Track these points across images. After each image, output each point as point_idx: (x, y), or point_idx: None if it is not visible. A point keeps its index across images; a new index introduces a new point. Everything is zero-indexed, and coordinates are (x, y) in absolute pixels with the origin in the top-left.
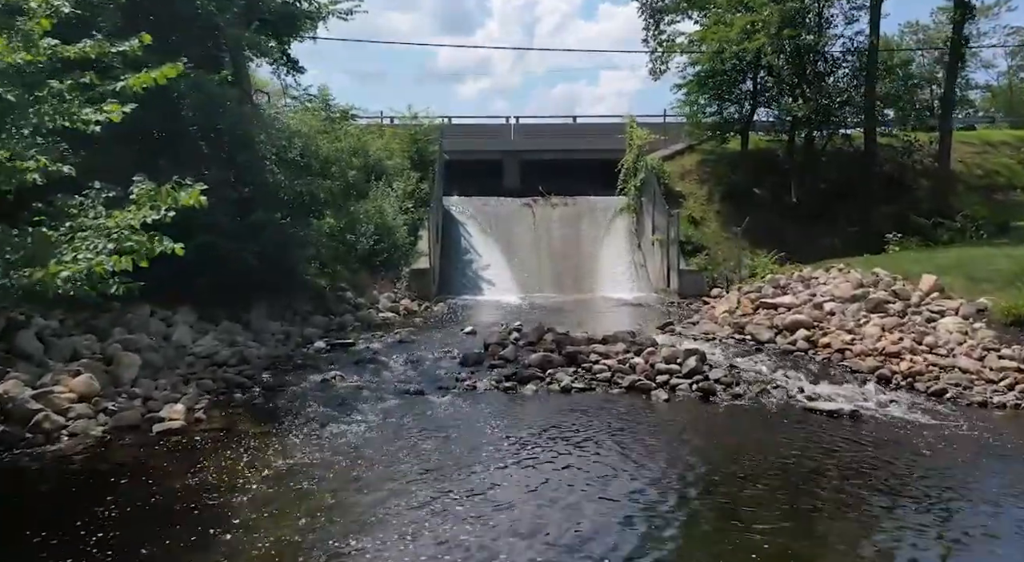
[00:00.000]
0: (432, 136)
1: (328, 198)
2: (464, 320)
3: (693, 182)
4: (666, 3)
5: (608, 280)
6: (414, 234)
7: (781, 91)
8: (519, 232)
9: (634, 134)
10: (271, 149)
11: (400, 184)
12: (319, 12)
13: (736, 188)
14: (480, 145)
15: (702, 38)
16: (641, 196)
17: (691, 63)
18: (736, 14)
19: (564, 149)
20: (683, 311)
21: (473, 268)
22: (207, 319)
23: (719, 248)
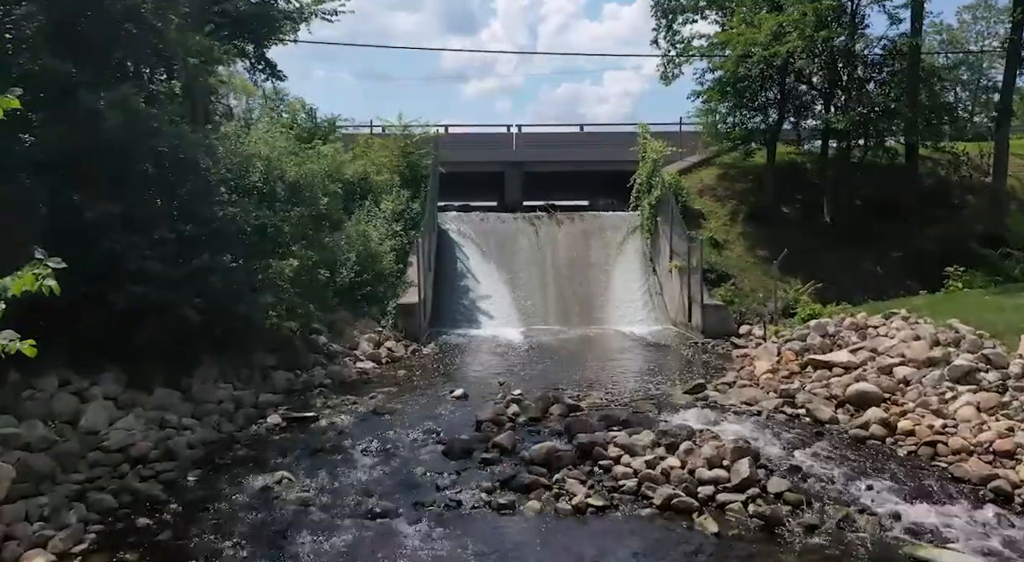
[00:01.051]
0: (425, 149)
1: (295, 231)
2: (456, 368)
3: (713, 199)
4: (680, 2)
5: (620, 311)
6: (403, 261)
7: (813, 99)
8: (521, 253)
9: (648, 146)
10: (225, 176)
11: (388, 203)
12: (301, 13)
13: (762, 206)
14: (480, 156)
15: (725, 41)
16: (656, 215)
17: (710, 68)
18: (762, 13)
19: (570, 160)
20: (711, 358)
21: (470, 296)
22: (138, 385)
23: (745, 276)
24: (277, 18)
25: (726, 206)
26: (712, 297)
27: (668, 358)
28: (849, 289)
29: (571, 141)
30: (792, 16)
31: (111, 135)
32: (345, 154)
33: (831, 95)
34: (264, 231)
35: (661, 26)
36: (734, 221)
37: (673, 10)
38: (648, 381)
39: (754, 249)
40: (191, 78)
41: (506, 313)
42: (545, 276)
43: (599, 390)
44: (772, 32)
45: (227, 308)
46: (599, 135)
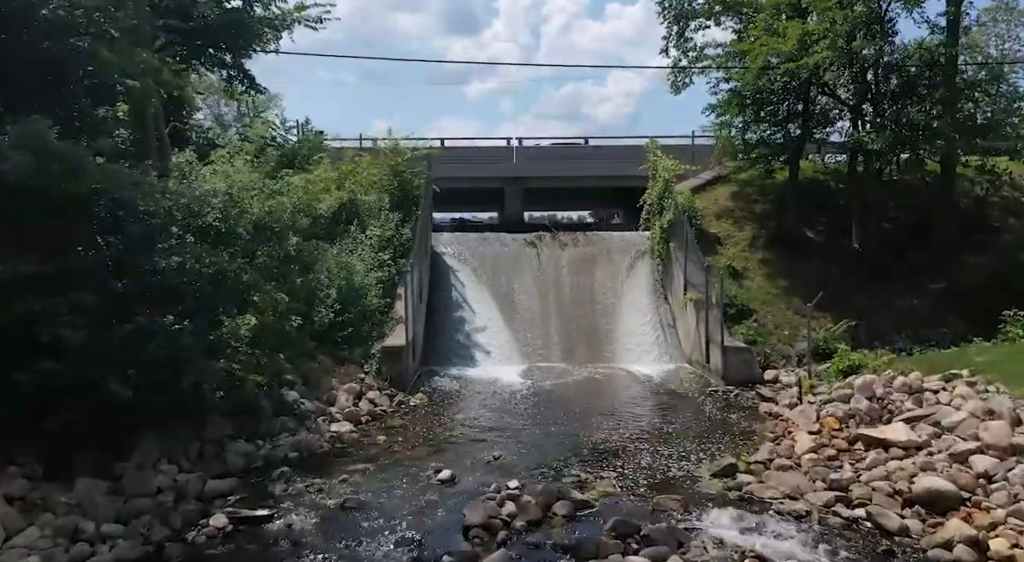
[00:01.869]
0: (418, 167)
1: (258, 277)
2: (444, 429)
3: (730, 221)
4: (694, 7)
5: (629, 346)
6: (391, 294)
7: (840, 113)
8: (521, 280)
9: (659, 164)
10: (173, 217)
11: (376, 229)
12: (282, 20)
13: (784, 230)
14: (477, 171)
15: (744, 51)
16: (669, 240)
17: (725, 78)
18: (786, 20)
19: (574, 175)
20: (736, 415)
21: (465, 329)
22: (56, 476)
23: (768, 310)
24: (255, 26)
25: (744, 229)
26: (733, 337)
27: (687, 413)
28: (884, 328)
29: (574, 155)
30: (822, 24)
31: (17, 178)
32: (330, 173)
33: (858, 108)
34: (220, 280)
35: (672, 33)
36: (753, 247)
37: (685, 16)
38: (668, 453)
39: (776, 279)
40: (139, 102)
41: (505, 349)
42: (547, 305)
43: (610, 470)
44: (798, 41)
45: (171, 379)
46: (605, 149)
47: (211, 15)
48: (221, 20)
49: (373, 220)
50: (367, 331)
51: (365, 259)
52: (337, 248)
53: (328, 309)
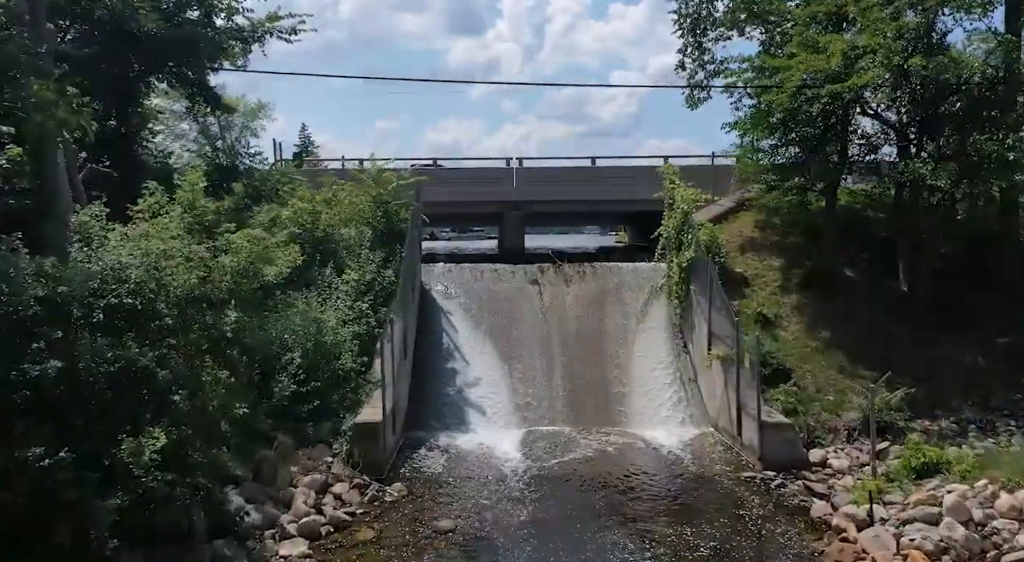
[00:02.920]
0: (404, 199)
1: (178, 371)
2: (424, 538)
3: (757, 257)
4: (715, 15)
5: (645, 406)
6: (370, 349)
7: (887, 138)
8: (522, 322)
9: (677, 193)
10: (58, 307)
11: (353, 273)
12: (252, 32)
13: (820, 268)
14: (474, 195)
15: (777, 67)
16: (689, 281)
17: (750, 94)
18: (827, 34)
19: (579, 199)
20: (782, 521)
21: (457, 384)
22: None
23: (808, 369)
24: (219, 39)
25: (774, 266)
26: (770, 408)
27: (722, 518)
28: (947, 391)
29: (580, 178)
30: (874, 38)
31: None
32: (303, 205)
33: (907, 133)
34: (127, 382)
35: (688, 44)
36: (786, 288)
37: (703, 25)
38: None
39: (814, 328)
40: (37, 144)
41: (501, 409)
42: (551, 353)
43: None
44: (845, 56)
45: (38, 532)
46: (614, 170)
47: (156, 30)
48: (174, 35)
49: (352, 260)
50: (338, 401)
51: (340, 308)
52: (305, 300)
53: (290, 378)
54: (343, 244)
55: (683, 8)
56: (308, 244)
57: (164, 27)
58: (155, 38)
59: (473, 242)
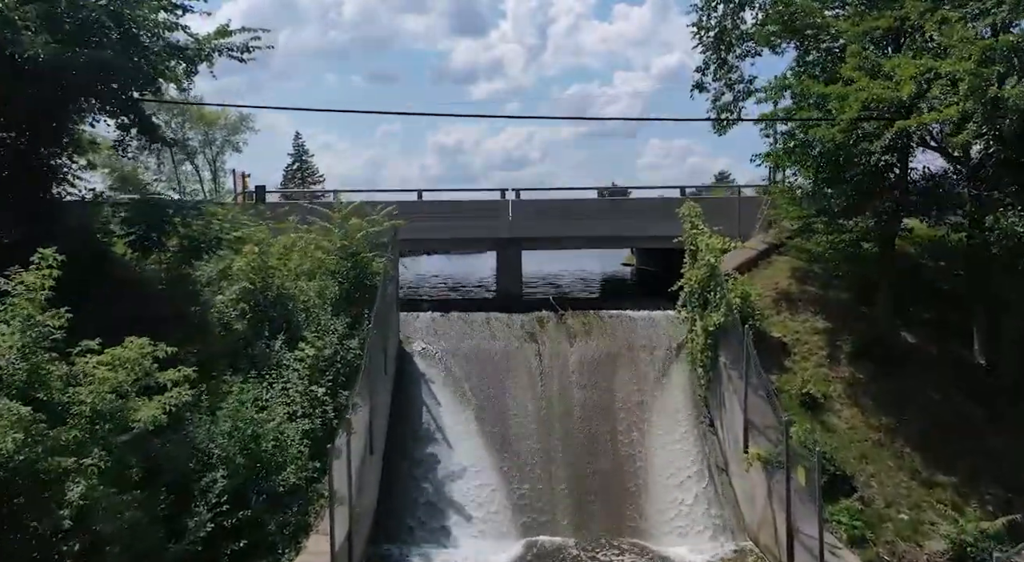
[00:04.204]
0: (379, 244)
1: None
2: None
3: (796, 316)
4: (743, 28)
5: (666, 508)
6: (325, 448)
7: (958, 181)
8: (517, 392)
9: (700, 241)
10: None
11: (310, 348)
12: (198, 51)
13: (875, 334)
14: (464, 230)
15: (825, 95)
16: (717, 349)
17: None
18: (891, 56)
19: (584, 236)
20: None
21: (438, 475)
22: None
23: (871, 472)
24: (151, 62)
25: (818, 329)
26: (834, 537)
27: None
28: None
29: (585, 211)
30: (961, 65)
31: None
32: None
33: (981, 173)
34: None
35: (709, 62)
36: (834, 359)
37: (727, 37)
38: None
39: (875, 414)
40: None
41: (492, 511)
42: (551, 435)
43: None
44: (916, 82)
45: None
46: (623, 204)
47: (46, 56)
48: (81, 61)
49: (310, 327)
50: (277, 530)
51: (291, 394)
52: (240, 390)
53: (210, 509)
54: (301, 305)
55: (704, 20)
56: (256, 308)
57: (63, 53)
58: (55, 65)
59: (467, 259)
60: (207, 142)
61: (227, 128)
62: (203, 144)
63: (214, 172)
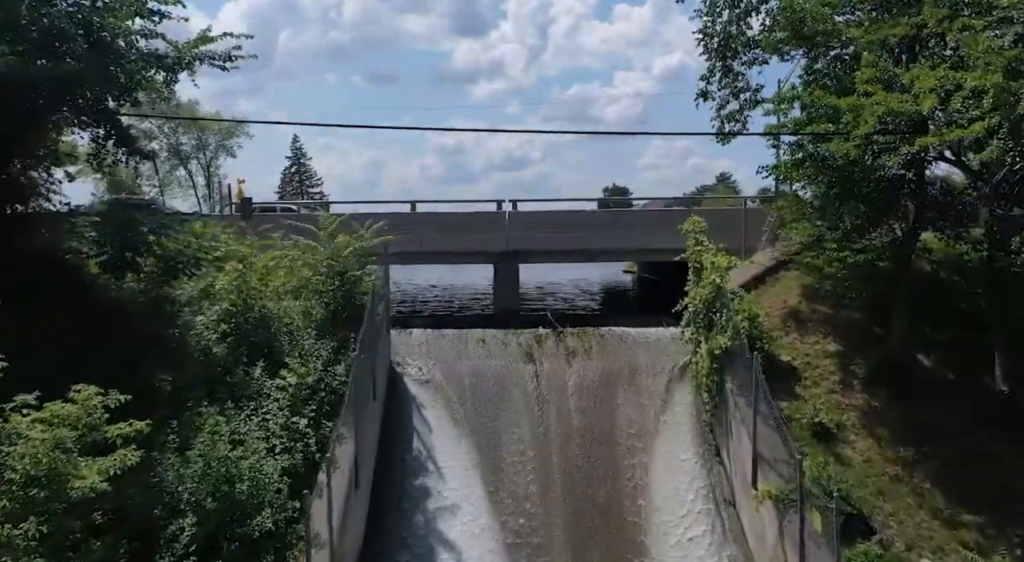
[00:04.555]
0: (364, 266)
1: None
2: None
3: (805, 337)
4: (748, 33)
5: (669, 549)
6: (308, 483)
7: (977, 196)
8: (513, 417)
9: (705, 258)
10: None
11: (291, 376)
12: (178, 58)
13: (892, 359)
14: (459, 244)
15: (836, 108)
16: (723, 373)
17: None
18: (909, 67)
19: (584, 249)
20: None
21: (428, 509)
22: None
23: (889, 510)
24: (127, 70)
25: (829, 352)
26: None
27: None
28: None
29: (584, 223)
30: (988, 78)
31: None
32: None
33: (999, 190)
34: None
35: (715, 69)
36: (847, 385)
37: (733, 44)
38: None
39: (892, 446)
40: None
41: (486, 550)
42: (548, 463)
43: None
44: (937, 94)
45: None
46: (624, 216)
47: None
48: (45, 72)
49: (293, 352)
50: None
51: (271, 427)
52: (215, 424)
53: (177, 556)
54: (285, 328)
55: (709, 26)
56: (237, 331)
57: (25, 65)
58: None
59: (469, 266)
60: (201, 146)
61: (221, 132)
62: (197, 148)
63: (208, 177)
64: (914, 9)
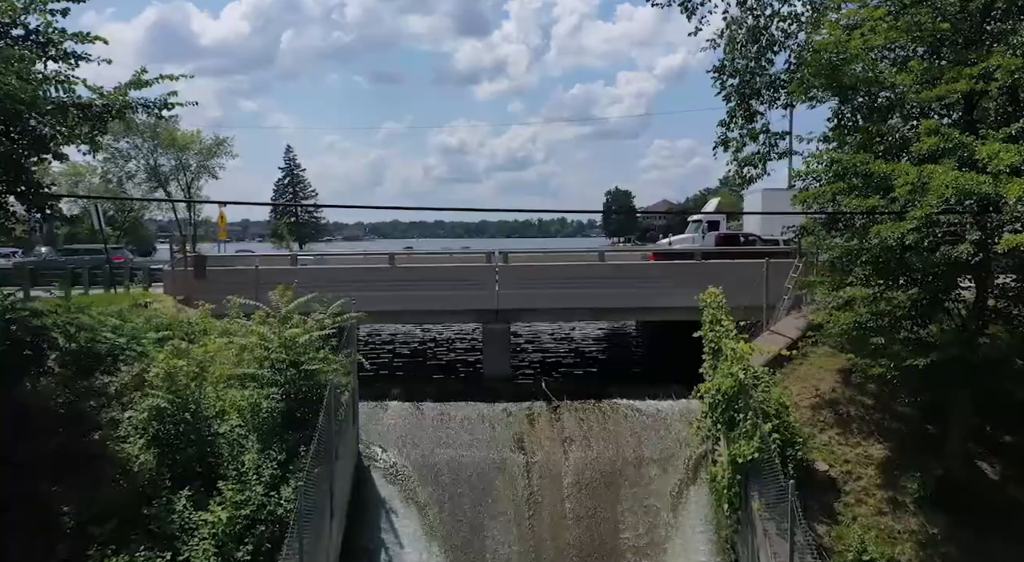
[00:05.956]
0: (324, 350)
1: None
2: None
3: (844, 435)
4: (771, 71)
5: None
6: None
7: None
8: (498, 528)
9: (725, 344)
10: None
11: (223, 509)
12: (106, 108)
13: (954, 474)
14: (442, 302)
15: (887, 177)
16: (747, 487)
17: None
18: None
19: (583, 308)
20: None
21: None
22: None
23: None
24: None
25: (874, 458)
26: None
27: None
28: None
29: (584, 277)
30: None
31: None
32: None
33: None
34: None
35: (736, 114)
36: (899, 504)
37: (753, 82)
38: None
39: None
40: None
41: None
42: None
43: None
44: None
45: None
46: (629, 270)
47: None
48: None
49: (232, 467)
50: None
51: None
52: None
53: None
54: (225, 435)
55: (729, 64)
56: (167, 439)
57: None
58: None
59: None
60: (180, 167)
61: (202, 153)
62: (176, 170)
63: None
64: (974, 53)
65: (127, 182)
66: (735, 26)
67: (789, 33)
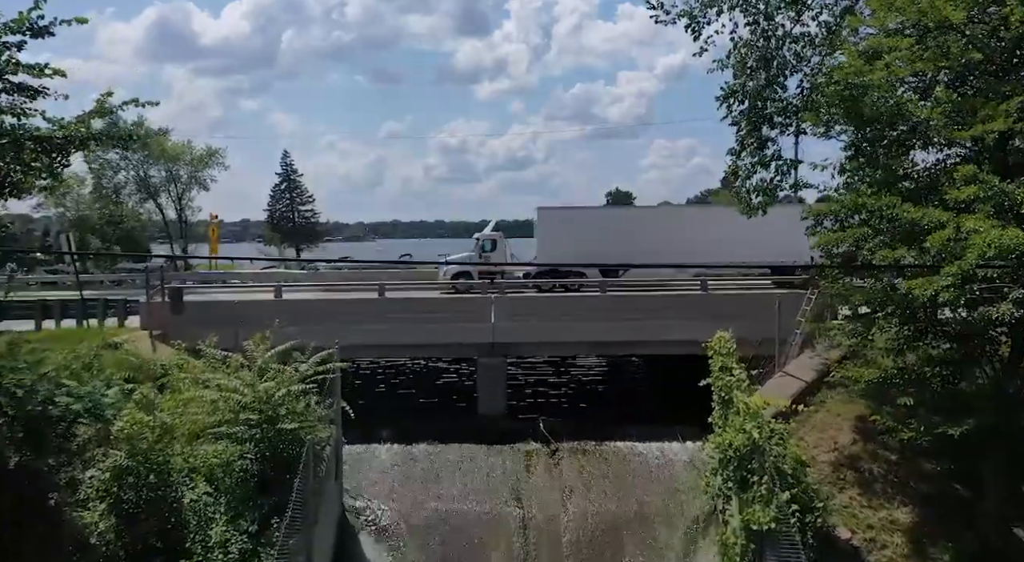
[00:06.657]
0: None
1: None
2: None
3: (868, 498)
4: (784, 96)
5: None
6: None
7: None
8: None
9: (736, 397)
10: None
11: None
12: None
13: (987, 541)
14: (435, 335)
15: (919, 224)
16: (764, 557)
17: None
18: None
19: (582, 342)
20: None
21: None
22: None
23: None
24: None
25: (901, 524)
26: None
27: None
28: None
29: (583, 309)
30: None
31: None
32: None
33: None
34: None
35: (747, 142)
36: None
37: (763, 108)
38: None
39: None
40: None
41: None
42: None
43: None
44: None
45: None
46: (631, 302)
47: None
48: None
49: (198, 535)
50: None
51: None
52: None
53: None
54: (191, 502)
55: (740, 89)
56: (129, 506)
57: None
58: None
59: None
60: (171, 178)
61: (193, 163)
62: (166, 181)
63: (180, 210)
64: (1008, 84)
65: (121, 191)
66: (745, 49)
67: (802, 56)
